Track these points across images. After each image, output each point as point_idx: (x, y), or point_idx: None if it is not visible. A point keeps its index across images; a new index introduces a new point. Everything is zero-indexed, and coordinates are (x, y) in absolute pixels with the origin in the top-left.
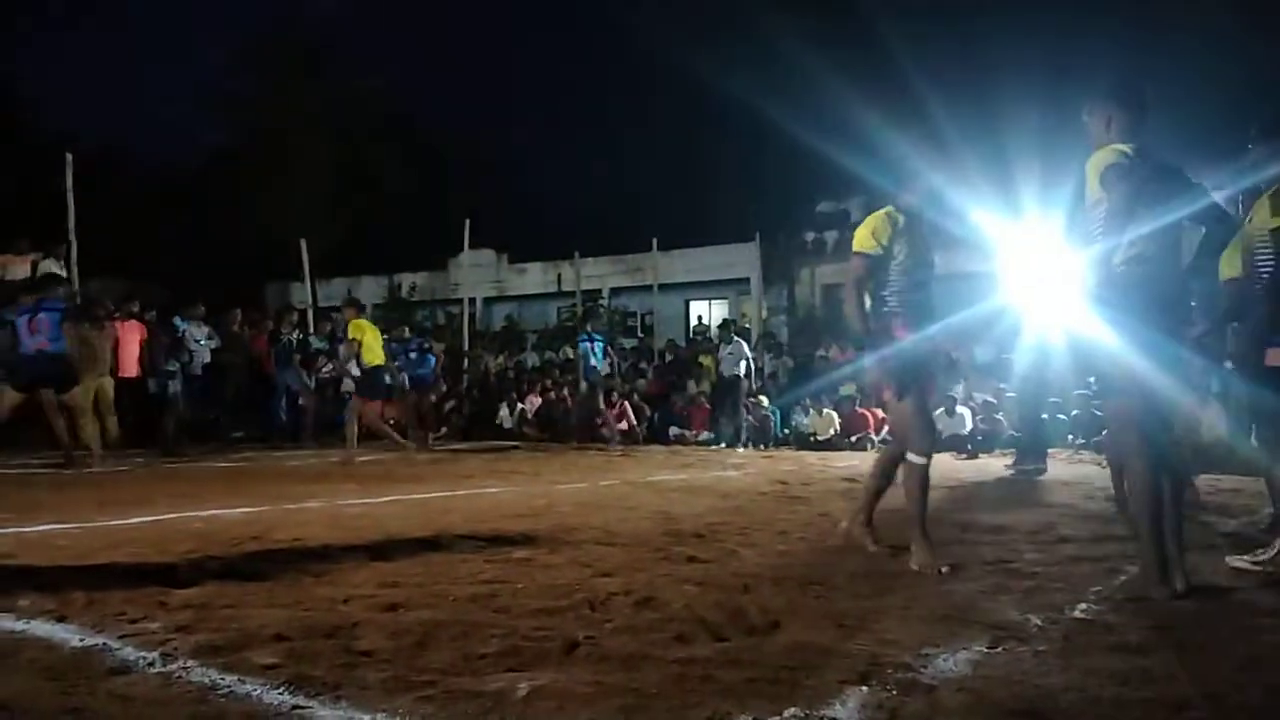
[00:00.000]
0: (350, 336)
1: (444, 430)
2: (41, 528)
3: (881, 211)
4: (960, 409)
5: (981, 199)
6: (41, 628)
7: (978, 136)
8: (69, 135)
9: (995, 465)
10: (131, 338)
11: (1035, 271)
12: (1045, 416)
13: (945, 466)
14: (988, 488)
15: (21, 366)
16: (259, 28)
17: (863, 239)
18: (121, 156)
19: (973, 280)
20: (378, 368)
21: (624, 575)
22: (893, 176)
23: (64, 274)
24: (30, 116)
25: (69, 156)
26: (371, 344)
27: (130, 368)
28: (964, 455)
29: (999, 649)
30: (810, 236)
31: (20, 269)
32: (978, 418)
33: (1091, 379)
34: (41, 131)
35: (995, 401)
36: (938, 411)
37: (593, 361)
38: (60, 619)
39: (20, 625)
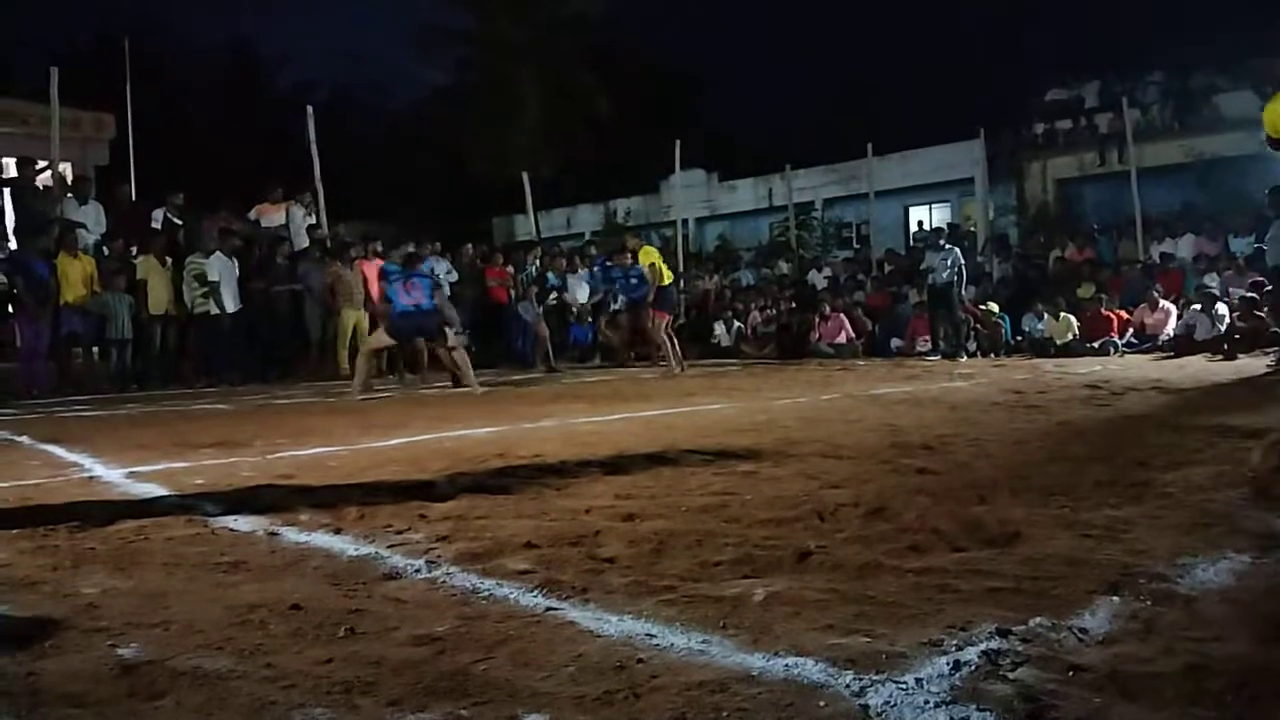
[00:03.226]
0: (646, 262)
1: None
2: (314, 450)
3: None
4: (1219, 306)
5: (1246, 74)
6: (321, 539)
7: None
8: (305, 86)
9: (1255, 365)
10: (374, 273)
11: None
12: None
13: (1198, 368)
14: (1247, 389)
15: (399, 321)
16: None
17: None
18: (352, 103)
19: (1233, 164)
20: (670, 285)
21: (852, 487)
22: (1131, 58)
23: (313, 219)
24: (270, 73)
25: (309, 109)
26: (659, 264)
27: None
28: (1220, 356)
29: (1266, 559)
30: (1040, 128)
31: (275, 216)
32: (1235, 314)
33: None
34: (281, 86)
35: (1256, 297)
36: (1195, 308)
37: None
38: (337, 531)
39: (304, 537)
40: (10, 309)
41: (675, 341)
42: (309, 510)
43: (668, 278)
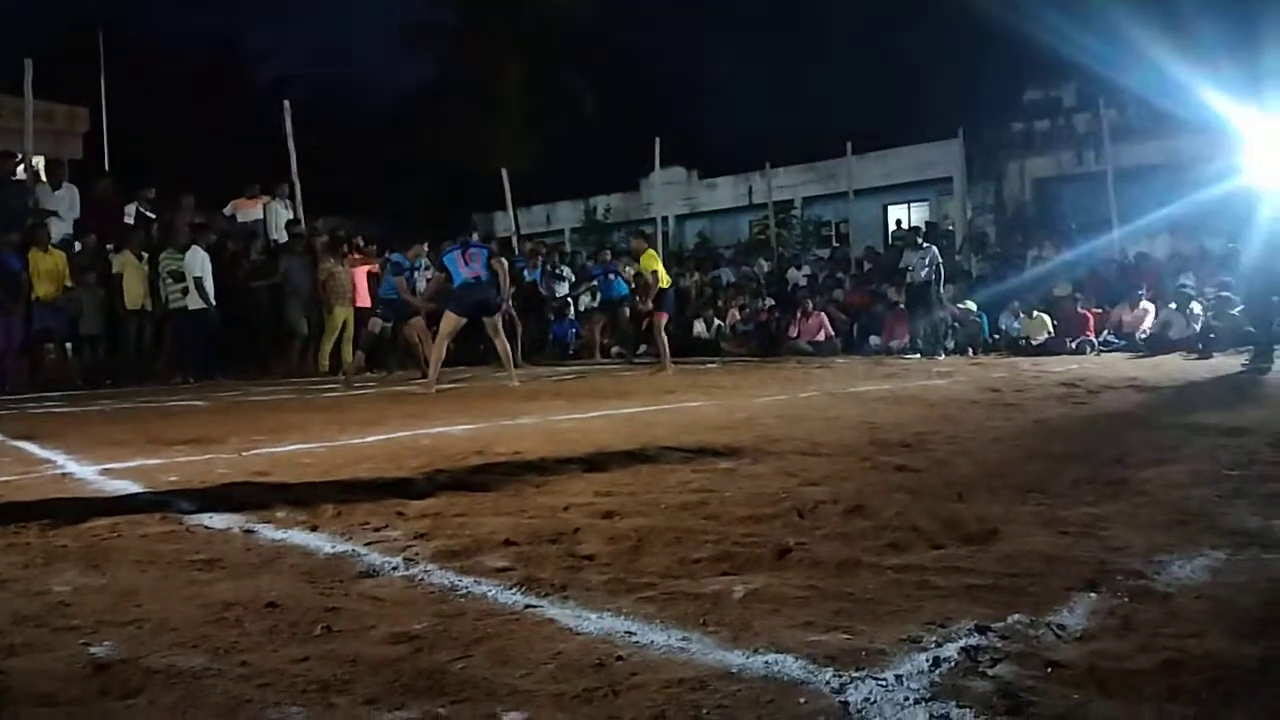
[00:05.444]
0: (647, 268)
1: (643, 348)
2: (290, 447)
3: None
4: (1194, 305)
5: (1219, 78)
6: (298, 536)
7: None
8: (284, 81)
9: (1230, 364)
10: (362, 271)
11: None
12: None
13: (1174, 366)
14: (1222, 388)
15: (461, 294)
16: None
17: None
18: (333, 98)
19: (1208, 165)
20: (669, 288)
21: (831, 484)
22: (1112, 59)
23: (291, 214)
24: (250, 68)
25: (286, 104)
26: (660, 270)
27: (364, 299)
28: (1194, 354)
29: (1242, 556)
30: (1018, 127)
31: (252, 211)
32: (1209, 314)
33: None
34: (261, 81)
35: (1230, 296)
36: (1171, 307)
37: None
38: (313, 529)
39: (280, 534)
40: None
41: (667, 342)
42: (285, 507)
43: (666, 282)
